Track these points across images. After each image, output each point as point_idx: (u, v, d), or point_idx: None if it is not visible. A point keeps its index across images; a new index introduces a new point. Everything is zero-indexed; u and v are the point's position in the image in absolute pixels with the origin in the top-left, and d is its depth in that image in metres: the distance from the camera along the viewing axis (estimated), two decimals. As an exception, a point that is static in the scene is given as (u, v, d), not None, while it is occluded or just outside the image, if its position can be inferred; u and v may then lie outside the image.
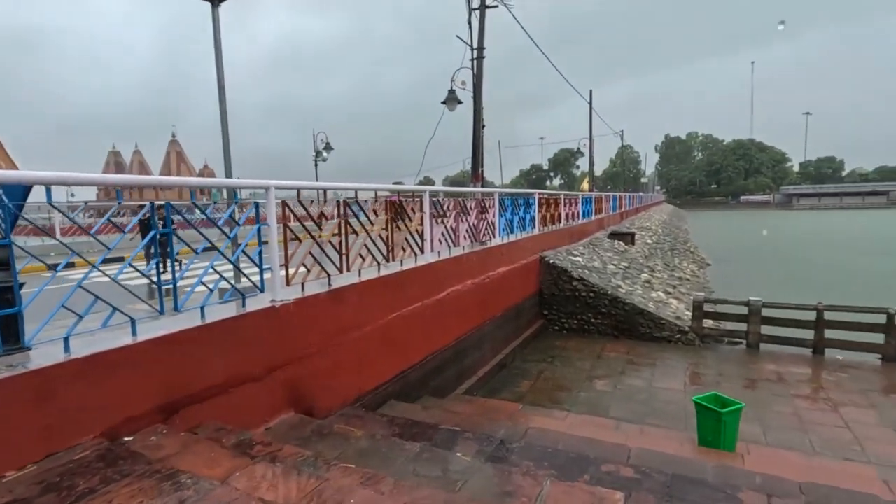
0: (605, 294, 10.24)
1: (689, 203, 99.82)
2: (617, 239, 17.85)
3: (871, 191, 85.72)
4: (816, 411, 6.56)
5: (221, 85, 4.98)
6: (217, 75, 4.95)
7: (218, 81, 4.94)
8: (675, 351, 9.32)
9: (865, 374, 7.97)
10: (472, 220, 7.85)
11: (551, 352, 9.40)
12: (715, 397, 5.20)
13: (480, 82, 9.65)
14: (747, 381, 7.74)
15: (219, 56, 4.98)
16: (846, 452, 5.45)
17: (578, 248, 13.59)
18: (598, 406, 6.85)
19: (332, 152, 23.13)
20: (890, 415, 6.37)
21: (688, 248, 25.67)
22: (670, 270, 15.99)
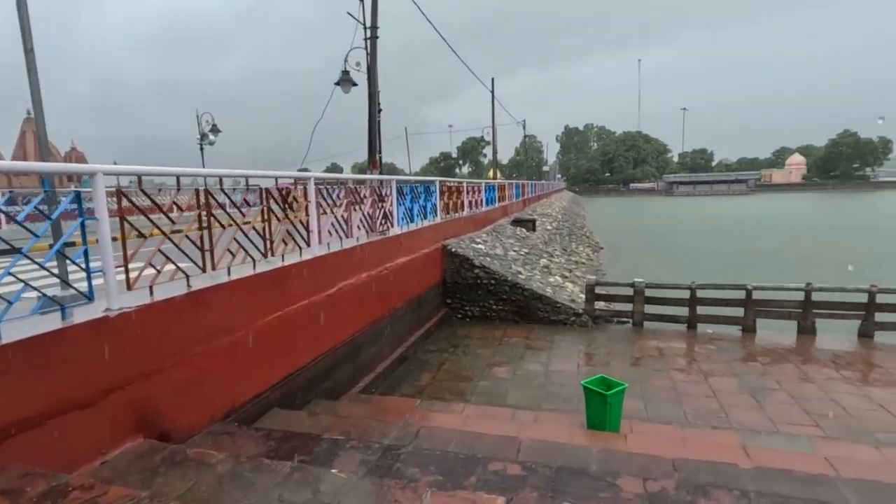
0: (506, 280, 10.39)
1: (587, 190, 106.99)
2: (519, 226, 18.38)
3: (734, 179, 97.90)
4: (690, 383, 7.12)
5: (29, 47, 4.05)
6: (21, 30, 4.02)
7: (24, 41, 4.01)
8: (570, 333, 9.71)
9: (729, 344, 8.86)
10: (366, 210, 7.45)
11: (454, 341, 9.35)
12: (602, 380, 5.36)
13: (375, 63, 9.17)
14: (633, 359, 8.24)
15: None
16: (714, 420, 5.93)
17: (482, 236, 13.71)
18: (497, 395, 6.87)
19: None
20: (748, 382, 7.09)
21: (584, 233, 27.34)
22: (567, 255, 16.83)
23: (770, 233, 32.30)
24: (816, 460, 4.20)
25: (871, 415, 5.98)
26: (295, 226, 5.54)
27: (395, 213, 8.50)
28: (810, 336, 9.10)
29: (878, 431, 5.57)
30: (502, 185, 20.98)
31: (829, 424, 5.75)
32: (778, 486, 3.52)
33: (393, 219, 8.47)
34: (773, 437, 5.34)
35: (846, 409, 6.14)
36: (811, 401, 6.41)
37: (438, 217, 11.08)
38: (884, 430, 5.60)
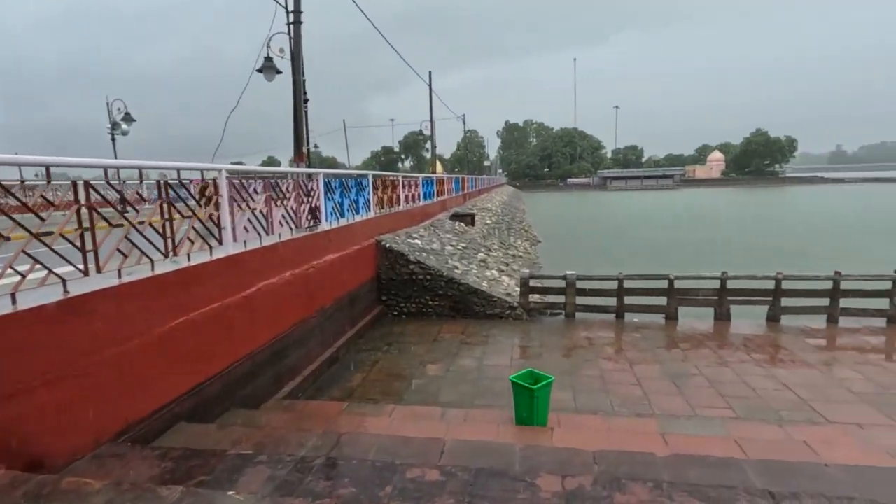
0: (442, 276, 10.27)
1: (527, 185, 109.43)
2: (458, 220, 18.35)
3: (662, 175, 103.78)
4: (617, 371, 7.32)
5: None
6: None
7: None
8: (505, 326, 9.76)
9: (654, 332, 9.24)
10: (290, 205, 7.03)
11: (389, 339, 9.12)
12: (529, 373, 5.35)
13: (299, 50, 8.67)
14: (565, 350, 8.39)
15: None
16: (638, 408, 6.11)
17: (419, 231, 13.53)
18: (430, 393, 6.73)
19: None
20: (670, 368, 7.40)
21: (523, 227, 27.88)
22: (505, 249, 17.03)
23: (694, 224, 34.47)
24: (727, 443, 4.38)
25: (776, 394, 6.39)
26: (203, 222, 5.08)
27: (323, 207, 8.12)
28: (726, 322, 9.68)
29: (782, 409, 5.95)
30: (441, 180, 20.88)
31: (740, 406, 6.08)
32: (691, 472, 3.61)
33: (321, 214, 8.09)
34: (690, 421, 5.57)
35: (755, 390, 6.54)
36: (726, 384, 6.77)
37: (372, 212, 10.76)
38: (787, 408, 6.00)
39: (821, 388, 6.55)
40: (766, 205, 54.11)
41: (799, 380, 6.82)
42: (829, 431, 5.12)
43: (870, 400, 6.15)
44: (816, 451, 4.19)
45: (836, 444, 4.46)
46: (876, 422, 5.58)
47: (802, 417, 5.74)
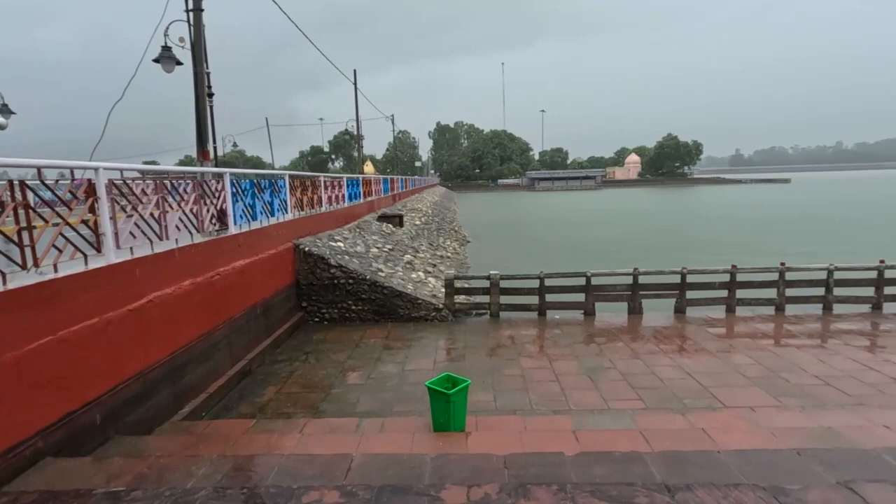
0: (365, 279, 9.98)
1: (459, 186, 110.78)
2: (386, 221, 18.06)
3: (585, 176, 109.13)
4: (537, 369, 7.43)
5: None
6: None
7: None
8: (430, 329, 9.64)
9: (573, 328, 9.53)
10: (189, 207, 6.45)
11: (308, 347, 8.69)
12: (447, 378, 5.24)
13: (200, 39, 7.97)
14: (488, 350, 8.41)
15: None
16: (555, 405, 6.20)
17: (343, 233, 13.11)
18: (348, 403, 6.45)
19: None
20: (587, 363, 7.63)
21: (453, 227, 28.05)
22: (434, 250, 16.98)
23: (614, 222, 36.46)
24: (634, 436, 4.50)
25: (681, 383, 6.75)
26: (75, 228, 4.48)
27: (230, 210, 7.56)
28: (639, 315, 10.19)
29: (686, 398, 6.29)
30: (368, 181, 20.46)
31: (649, 397, 6.36)
32: (596, 469, 3.64)
33: (228, 217, 7.52)
34: (602, 415, 5.73)
35: (663, 380, 6.87)
36: (637, 376, 7.07)
37: (290, 214, 10.23)
38: (690, 396, 6.35)
39: (720, 374, 7.01)
40: (677, 203, 58.45)
41: (701, 368, 7.27)
42: (725, 417, 5.46)
43: (760, 383, 6.66)
44: (713, 438, 4.41)
45: (731, 430, 4.74)
46: (765, 403, 6.04)
47: (703, 404, 6.10)
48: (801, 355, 7.70)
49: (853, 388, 6.41)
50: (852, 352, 7.77)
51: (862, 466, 3.49)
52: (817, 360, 7.45)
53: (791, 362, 7.37)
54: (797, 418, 5.27)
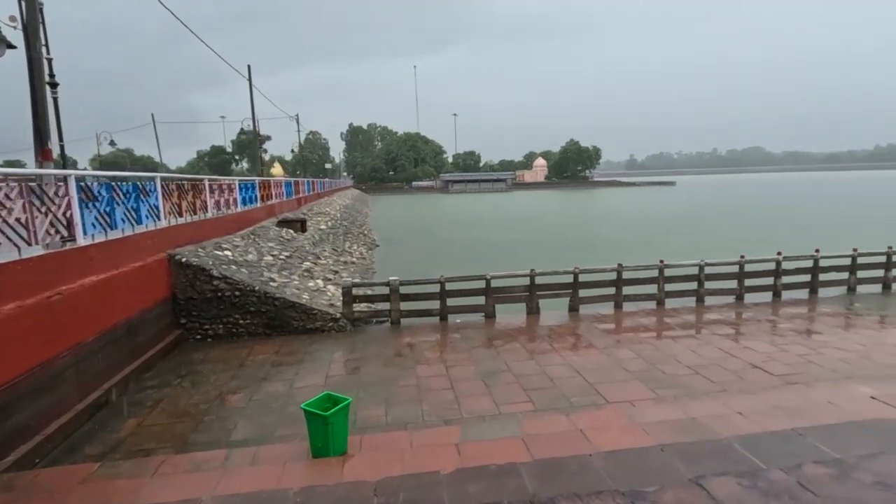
0: (253, 290, 9.22)
1: (374, 188, 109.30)
2: (286, 227, 17.08)
3: (496, 178, 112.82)
4: (432, 377, 7.26)
5: None
6: None
7: None
8: (327, 341, 9.14)
9: (473, 332, 9.53)
10: (14, 216, 5.44)
11: (185, 369, 7.82)
12: (326, 397, 4.86)
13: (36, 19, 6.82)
14: (385, 360, 8.11)
15: None
16: (447, 414, 6.06)
17: (234, 241, 12.12)
18: (222, 431, 5.82)
19: None
20: (483, 367, 7.61)
21: (363, 231, 27.38)
22: (338, 255, 16.34)
23: (522, 224, 37.85)
24: (516, 444, 4.44)
25: (570, 381, 6.93)
26: None
27: (78, 218, 6.54)
28: (536, 315, 10.46)
29: (573, 396, 6.46)
30: (267, 183, 19.26)
31: (539, 398, 6.44)
32: (471, 487, 3.50)
33: (76, 227, 6.50)
34: (491, 422, 5.67)
35: (554, 380, 7.02)
36: (530, 377, 7.16)
37: (163, 221, 9.19)
38: (577, 393, 6.52)
39: (605, 370, 7.31)
40: (578, 204, 62.25)
41: (589, 364, 7.54)
42: (606, 414, 5.64)
43: (641, 377, 7.03)
44: (590, 440, 4.48)
45: (608, 428, 4.86)
46: (643, 396, 6.36)
47: (588, 402, 6.28)
48: (677, 347, 8.29)
49: (718, 376, 6.97)
50: (719, 341, 8.51)
51: (714, 458, 3.68)
52: (689, 350, 8.06)
53: (668, 354, 7.90)
54: (669, 410, 5.57)
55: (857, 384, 6.08)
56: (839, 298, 11.47)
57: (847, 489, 2.96)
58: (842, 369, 7.05)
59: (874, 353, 7.69)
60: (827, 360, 7.42)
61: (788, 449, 3.75)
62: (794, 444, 3.83)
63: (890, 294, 11.74)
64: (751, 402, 5.49)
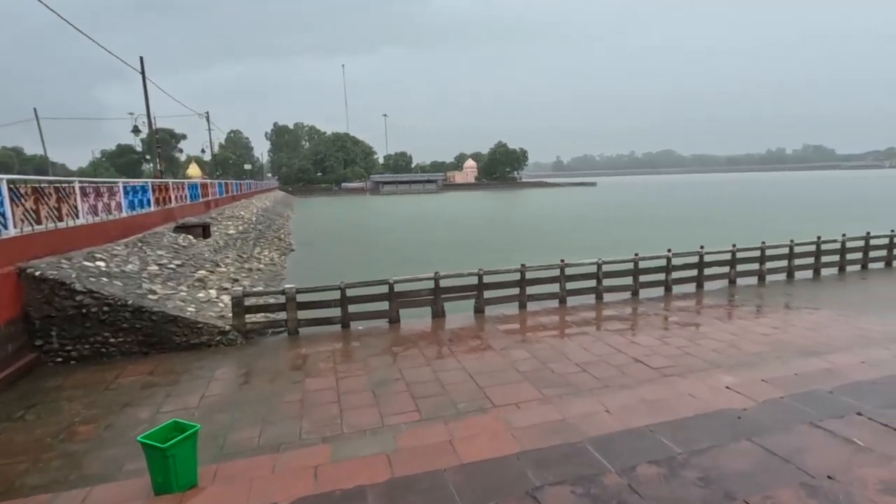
0: (126, 305, 8.33)
1: (301, 190, 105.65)
2: (185, 232, 15.84)
3: (427, 180, 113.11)
4: (321, 391, 6.88)
5: None
6: None
7: None
8: (212, 357, 8.45)
9: (374, 339, 9.22)
10: None
11: (35, 398, 6.87)
12: (173, 425, 4.36)
13: None
14: (274, 374, 7.61)
15: None
16: (326, 431, 5.71)
17: (115, 249, 10.99)
18: (62, 470, 5.10)
19: None
20: (375, 376, 7.33)
21: (279, 234, 26.13)
22: (243, 262, 15.39)
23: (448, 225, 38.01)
24: (379, 463, 4.21)
25: (461, 387, 6.83)
26: None
27: None
28: (442, 318, 10.35)
29: (461, 402, 6.35)
30: (164, 186, 17.78)
31: (428, 406, 6.26)
32: (308, 519, 3.21)
33: None
34: (368, 438, 5.41)
35: (445, 385, 6.88)
36: (422, 384, 6.98)
37: (12, 229, 8.07)
38: (466, 399, 6.42)
39: (498, 372, 7.29)
40: (504, 204, 63.76)
41: (484, 367, 7.49)
42: (485, 420, 5.55)
43: (531, 377, 7.07)
44: (457, 451, 4.34)
45: (479, 436, 4.75)
46: (530, 398, 6.37)
47: (474, 407, 6.19)
48: (570, 344, 8.49)
49: (603, 372, 7.17)
50: (610, 337, 8.83)
51: (564, 463, 3.66)
52: (581, 348, 8.27)
53: (561, 352, 8.04)
54: (546, 411, 5.57)
55: (722, 373, 6.47)
56: (721, 291, 12.40)
57: (671, 489, 3.01)
58: (713, 359, 7.51)
59: (742, 341, 8.30)
60: (702, 351, 7.89)
61: (635, 447, 3.81)
62: (642, 442, 3.91)
63: (764, 285, 12.87)
64: (623, 398, 5.64)
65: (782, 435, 3.63)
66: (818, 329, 8.87)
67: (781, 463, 3.20)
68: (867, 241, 14.24)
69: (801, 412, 4.21)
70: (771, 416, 4.17)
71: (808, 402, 4.47)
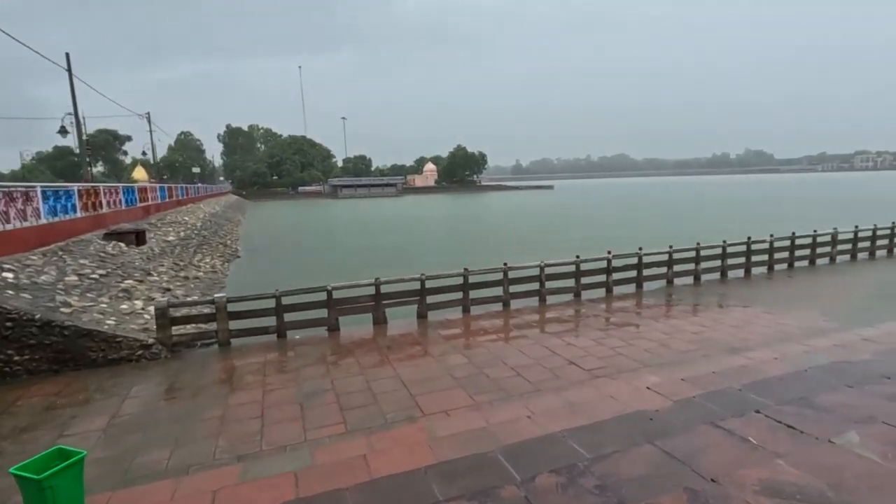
0: (33, 319, 7.70)
1: (256, 194, 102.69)
2: (115, 240, 14.95)
3: (386, 183, 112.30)
4: (245, 405, 6.55)
5: None
6: None
7: None
8: (131, 374, 7.92)
9: (310, 348, 8.92)
10: None
11: (-82, 427, 6.19)
12: (58, 452, 3.99)
13: None
14: (196, 389, 7.20)
15: None
16: (244, 448, 5.40)
17: (29, 258, 10.20)
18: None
19: None
20: (306, 387, 7.05)
21: (225, 240, 25.12)
22: (179, 270, 14.63)
23: (405, 229, 37.73)
24: (285, 483, 4.00)
25: (393, 396, 6.66)
26: None
27: None
28: (383, 325, 10.15)
29: (391, 412, 6.17)
30: (94, 190, 16.73)
31: (355, 418, 6.05)
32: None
33: None
34: (284, 455, 5.14)
35: (377, 395, 6.70)
36: (353, 395, 6.76)
37: None
38: (395, 409, 6.25)
39: (433, 379, 7.16)
40: (462, 207, 64.03)
41: (419, 375, 7.35)
42: (407, 432, 5.39)
43: (465, 383, 6.98)
44: (369, 465, 4.19)
45: (397, 449, 4.61)
46: (461, 405, 6.26)
47: (403, 417, 6.03)
48: (509, 348, 8.47)
49: (536, 375, 7.16)
50: (548, 339, 8.88)
51: (470, 475, 3.56)
52: (519, 351, 8.26)
53: (498, 357, 8.01)
54: (472, 419, 5.50)
55: (649, 373, 6.60)
56: (660, 291, 12.78)
57: (566, 499, 2.96)
58: (644, 359, 7.66)
59: (673, 340, 8.53)
60: (634, 352, 8.04)
61: (544, 455, 3.76)
62: (552, 449, 3.87)
63: (700, 284, 13.37)
64: (548, 402, 5.64)
65: (684, 436, 3.67)
66: (743, 326, 9.24)
67: (677, 466, 3.22)
68: (792, 241, 15.06)
69: (708, 411, 4.29)
70: (679, 417, 4.23)
71: (717, 401, 4.58)
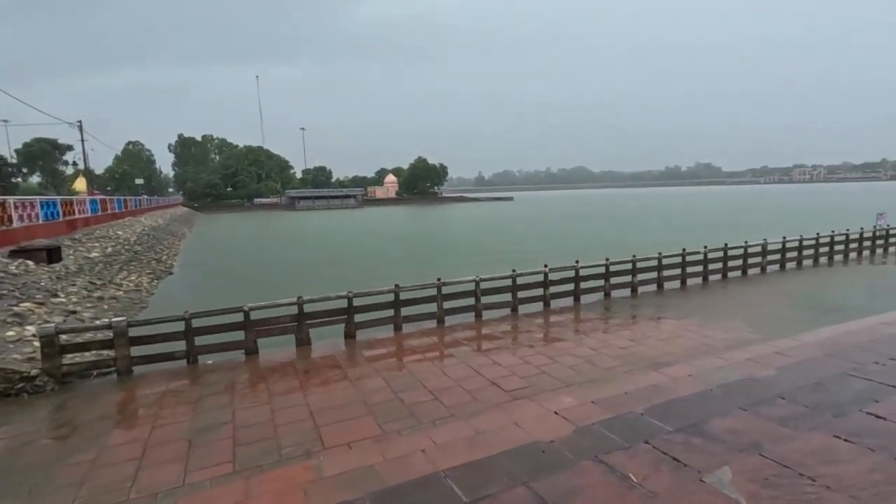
0: None
1: (208, 206, 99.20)
2: (23, 257, 13.73)
3: (346, 195, 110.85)
4: (124, 445, 5.88)
5: None
6: None
7: None
8: (7, 409, 7.06)
9: (221, 375, 8.26)
10: None
11: None
12: None
13: None
14: (73, 428, 6.45)
15: None
16: (110, 497, 4.77)
17: None
18: None
19: None
20: (202, 420, 6.43)
21: (160, 256, 23.71)
22: (94, 290, 13.53)
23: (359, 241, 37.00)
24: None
25: (295, 427, 6.12)
26: None
27: None
28: (307, 346, 9.59)
29: (288, 446, 5.64)
30: (2, 204, 15.39)
31: (247, 454, 5.51)
32: None
33: None
34: None
35: (277, 427, 6.16)
36: (253, 427, 6.20)
37: None
38: (294, 442, 5.72)
39: (344, 406, 6.69)
40: (420, 219, 63.81)
41: (330, 402, 6.86)
42: (294, 471, 4.90)
43: (376, 410, 6.53)
44: (227, 519, 3.68)
45: (266, 497, 4.13)
46: (365, 435, 5.81)
47: (301, 451, 5.51)
48: (431, 369, 8.09)
49: (455, 399, 6.80)
50: (474, 358, 8.56)
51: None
52: (441, 372, 7.90)
53: (417, 379, 7.61)
54: (370, 453, 5.07)
55: (564, 394, 6.36)
56: (597, 304, 12.76)
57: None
58: (566, 377, 7.45)
59: (600, 356, 8.38)
60: (559, 369, 7.82)
61: (417, 500, 3.39)
62: (427, 493, 3.51)
63: (637, 296, 13.45)
64: (453, 432, 5.30)
65: (564, 474, 3.40)
66: (671, 339, 9.23)
67: (548, 512, 2.93)
68: (725, 252, 15.47)
69: (601, 441, 4.05)
70: (571, 448, 3.96)
71: (616, 427, 4.35)
